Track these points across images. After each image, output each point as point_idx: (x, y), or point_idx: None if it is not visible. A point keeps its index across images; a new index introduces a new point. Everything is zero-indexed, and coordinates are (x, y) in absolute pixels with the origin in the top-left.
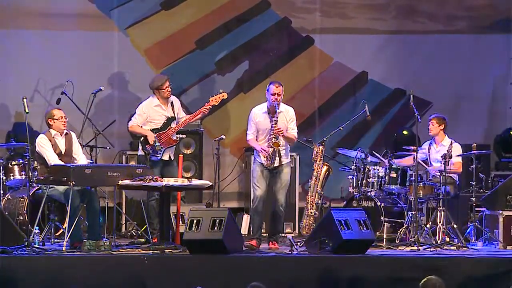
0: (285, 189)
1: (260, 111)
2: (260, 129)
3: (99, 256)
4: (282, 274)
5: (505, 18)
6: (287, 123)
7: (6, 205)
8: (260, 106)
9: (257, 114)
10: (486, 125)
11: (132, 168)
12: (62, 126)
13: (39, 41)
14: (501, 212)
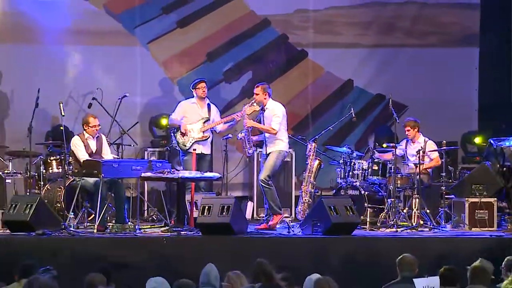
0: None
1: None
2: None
3: (124, 237)
4: (281, 252)
5: (470, 34)
6: (270, 118)
7: (45, 194)
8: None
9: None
10: (454, 125)
11: (153, 162)
12: (94, 133)
13: (74, 54)
14: (467, 199)
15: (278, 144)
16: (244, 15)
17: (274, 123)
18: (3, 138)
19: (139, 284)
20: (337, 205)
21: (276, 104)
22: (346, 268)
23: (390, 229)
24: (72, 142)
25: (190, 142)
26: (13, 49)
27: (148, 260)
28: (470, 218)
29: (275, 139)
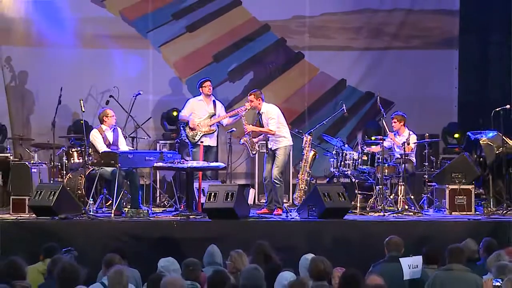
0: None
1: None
2: None
3: (139, 221)
4: (279, 234)
5: (450, 37)
6: (267, 120)
7: (67, 182)
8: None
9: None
10: (436, 119)
11: (164, 153)
12: (113, 122)
13: (92, 56)
14: (447, 186)
15: (282, 141)
16: (246, 21)
17: (271, 125)
18: (29, 132)
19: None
20: (331, 191)
21: (270, 107)
22: (339, 249)
23: (378, 213)
24: (91, 134)
25: (198, 135)
26: (39, 52)
27: (160, 241)
28: (450, 203)
29: (279, 137)
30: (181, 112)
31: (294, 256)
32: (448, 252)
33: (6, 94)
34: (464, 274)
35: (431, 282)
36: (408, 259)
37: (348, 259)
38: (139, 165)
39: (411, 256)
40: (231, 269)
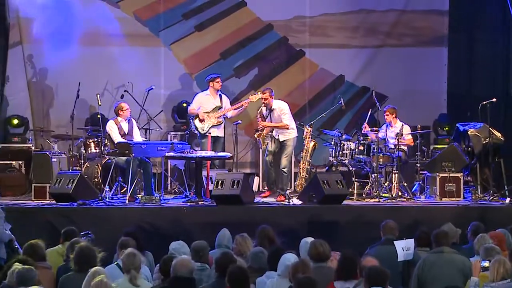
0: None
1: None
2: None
3: (151, 207)
4: (281, 219)
5: (440, 36)
6: (279, 116)
7: (85, 170)
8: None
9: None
10: (427, 112)
11: (175, 144)
12: (128, 115)
13: (108, 54)
14: (438, 174)
15: (291, 133)
16: (251, 21)
17: (285, 120)
18: (49, 124)
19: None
20: (329, 179)
21: (281, 103)
22: (337, 232)
23: (374, 200)
24: (107, 125)
25: (207, 127)
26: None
27: (171, 225)
28: (440, 190)
29: (289, 129)
30: (190, 106)
31: (296, 239)
32: (434, 236)
33: (28, 89)
34: (453, 256)
35: (421, 263)
36: (401, 242)
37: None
38: (151, 154)
39: (404, 239)
40: (236, 252)
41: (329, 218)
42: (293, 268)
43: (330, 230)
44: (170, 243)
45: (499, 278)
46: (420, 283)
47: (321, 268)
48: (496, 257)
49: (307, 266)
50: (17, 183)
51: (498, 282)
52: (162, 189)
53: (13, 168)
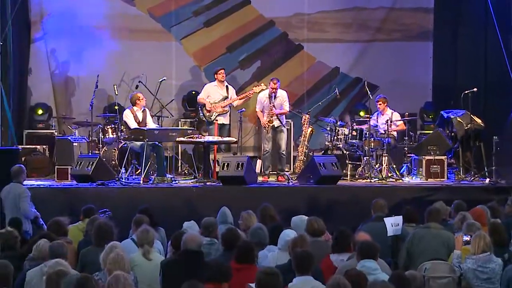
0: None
1: (264, 95)
2: (264, 106)
3: (163, 187)
4: (282, 198)
5: (425, 31)
6: (282, 103)
7: (103, 154)
8: (265, 91)
9: (262, 98)
10: (413, 101)
11: (185, 130)
12: (143, 104)
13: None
14: (424, 157)
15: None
16: (255, 18)
17: (286, 107)
18: (71, 112)
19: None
20: (325, 162)
21: (282, 91)
22: (332, 210)
23: (366, 180)
24: (124, 114)
25: (214, 115)
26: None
27: (181, 204)
28: (426, 171)
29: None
30: (199, 96)
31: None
32: (427, 213)
33: (51, 80)
34: (439, 231)
35: (411, 238)
36: (391, 218)
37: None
38: (164, 139)
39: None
40: (242, 227)
41: (325, 197)
42: (292, 242)
43: (326, 208)
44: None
45: (480, 251)
46: (409, 255)
47: (317, 242)
48: (477, 232)
49: (305, 240)
50: (42, 166)
51: (479, 254)
52: (173, 171)
53: (38, 152)
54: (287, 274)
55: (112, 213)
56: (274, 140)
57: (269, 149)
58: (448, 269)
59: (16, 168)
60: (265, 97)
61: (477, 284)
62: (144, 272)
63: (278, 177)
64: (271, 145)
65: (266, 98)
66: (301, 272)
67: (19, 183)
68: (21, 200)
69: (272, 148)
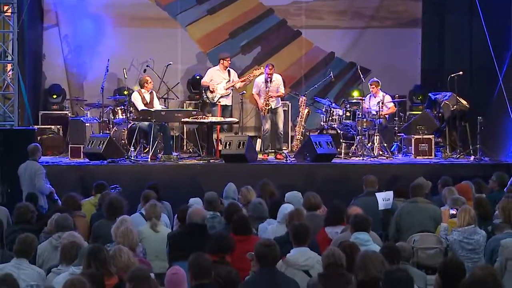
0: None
1: (261, 80)
2: (260, 90)
3: (170, 165)
4: (280, 174)
5: (415, 19)
6: (278, 86)
7: (113, 134)
8: (262, 76)
9: (258, 82)
10: (403, 83)
11: (190, 111)
12: (151, 87)
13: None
14: (413, 136)
15: (279, 100)
16: (255, 6)
17: (282, 89)
18: (83, 94)
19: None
20: (321, 141)
21: (277, 75)
22: (327, 186)
23: (359, 158)
24: (132, 96)
25: (216, 97)
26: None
27: (186, 180)
28: (415, 149)
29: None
30: (203, 79)
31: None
32: (411, 188)
33: (64, 64)
34: (426, 205)
35: (399, 211)
36: (382, 193)
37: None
38: (170, 120)
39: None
40: (242, 202)
41: (321, 174)
42: (289, 216)
43: (321, 184)
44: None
45: (465, 224)
46: (398, 228)
47: (313, 216)
48: (463, 206)
49: (302, 214)
50: (56, 144)
51: (464, 227)
52: (179, 150)
53: (53, 132)
54: (284, 245)
55: (122, 189)
56: (272, 121)
57: (268, 129)
58: (436, 241)
59: (32, 147)
60: (261, 81)
61: (462, 254)
62: (152, 244)
63: (277, 155)
64: (270, 125)
65: (262, 83)
66: (297, 243)
67: (35, 161)
68: (37, 177)
69: (271, 129)
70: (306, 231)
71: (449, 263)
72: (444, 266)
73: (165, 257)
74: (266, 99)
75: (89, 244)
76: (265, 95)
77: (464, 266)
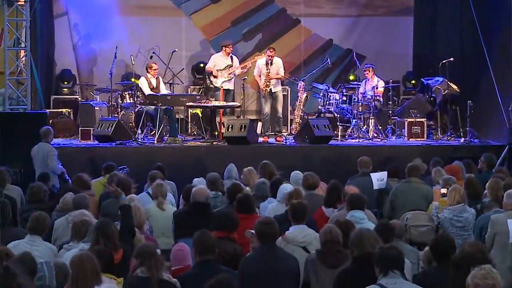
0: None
1: (262, 62)
2: (261, 72)
3: (175, 146)
4: (280, 156)
5: (407, 7)
6: (278, 69)
7: (121, 117)
8: (263, 59)
9: (259, 64)
10: (397, 69)
11: (194, 95)
12: (155, 74)
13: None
14: (406, 119)
15: (279, 84)
16: None
17: (282, 72)
18: (92, 79)
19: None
20: (319, 124)
21: (278, 59)
22: (324, 166)
23: (354, 140)
24: (139, 81)
25: (220, 81)
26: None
27: (191, 161)
28: (408, 132)
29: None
30: (207, 65)
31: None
32: (407, 169)
33: (74, 51)
34: (419, 185)
35: (394, 191)
36: (376, 174)
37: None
38: (175, 104)
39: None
40: (244, 182)
41: (319, 155)
42: (288, 195)
43: (319, 165)
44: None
45: (455, 203)
46: (393, 206)
47: (311, 195)
48: (453, 185)
49: (300, 193)
50: (67, 127)
51: (455, 205)
52: (184, 132)
53: (64, 115)
54: (284, 223)
55: (130, 169)
56: (272, 105)
57: (268, 112)
58: (427, 219)
59: (44, 129)
60: (262, 64)
61: (452, 231)
62: (158, 221)
63: (277, 138)
64: (270, 109)
65: (263, 65)
66: (296, 221)
67: (47, 143)
68: (49, 158)
69: (270, 112)
70: (304, 209)
71: (440, 239)
72: (436, 242)
73: (171, 234)
74: (266, 80)
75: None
76: (266, 77)
77: (454, 243)
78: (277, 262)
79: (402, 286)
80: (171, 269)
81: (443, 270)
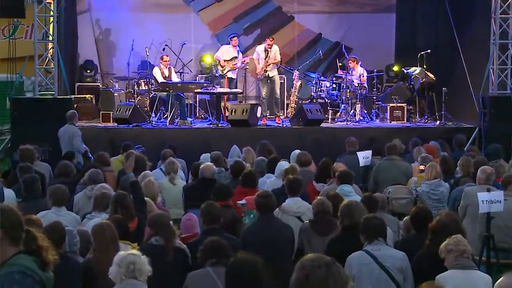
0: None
1: (261, 49)
2: (259, 57)
3: (185, 128)
4: (278, 136)
5: (390, 5)
6: (275, 55)
7: (138, 102)
8: (262, 45)
9: (258, 50)
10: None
11: (201, 83)
12: (166, 64)
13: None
14: (388, 104)
15: (276, 69)
16: None
17: (278, 57)
18: (112, 69)
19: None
20: (311, 108)
21: (275, 46)
22: (316, 147)
23: (343, 123)
24: (153, 70)
25: (225, 70)
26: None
27: (199, 141)
28: (390, 115)
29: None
30: (216, 54)
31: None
32: (387, 148)
33: (96, 44)
34: (399, 162)
35: (376, 167)
36: (362, 152)
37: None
38: (185, 90)
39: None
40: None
41: (311, 136)
42: (285, 171)
43: (311, 145)
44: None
45: (432, 178)
46: (376, 181)
47: (305, 171)
48: (430, 163)
49: (295, 169)
50: (90, 111)
51: (431, 180)
52: (193, 115)
53: (87, 100)
54: (281, 196)
55: (145, 148)
56: (270, 88)
57: (266, 94)
58: (407, 192)
59: (70, 113)
60: (261, 50)
61: (429, 203)
62: (170, 194)
63: (276, 118)
64: (268, 91)
65: (262, 52)
66: (292, 194)
67: (72, 125)
68: (74, 138)
69: (269, 95)
70: (299, 183)
71: (419, 211)
72: (416, 213)
73: (181, 206)
74: (265, 66)
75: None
76: (264, 63)
77: (431, 214)
78: (274, 231)
79: (385, 252)
80: (181, 237)
81: (421, 237)
